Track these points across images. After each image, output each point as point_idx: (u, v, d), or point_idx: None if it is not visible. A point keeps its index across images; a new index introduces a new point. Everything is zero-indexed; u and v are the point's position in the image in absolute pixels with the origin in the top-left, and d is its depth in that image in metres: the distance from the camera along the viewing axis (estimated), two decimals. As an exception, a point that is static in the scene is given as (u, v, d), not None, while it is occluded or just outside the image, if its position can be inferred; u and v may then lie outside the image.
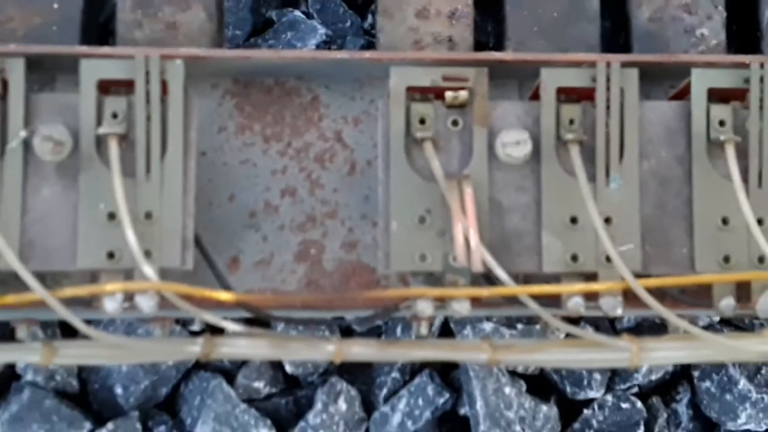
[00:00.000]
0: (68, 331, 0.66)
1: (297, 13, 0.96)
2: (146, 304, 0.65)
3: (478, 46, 0.79)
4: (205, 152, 0.74)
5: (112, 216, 0.66)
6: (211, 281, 0.69)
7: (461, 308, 0.67)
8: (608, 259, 0.67)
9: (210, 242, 0.71)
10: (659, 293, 0.67)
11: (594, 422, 0.88)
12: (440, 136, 0.69)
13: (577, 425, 0.88)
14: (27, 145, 0.66)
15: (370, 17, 0.97)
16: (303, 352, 0.70)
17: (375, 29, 0.80)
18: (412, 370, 0.88)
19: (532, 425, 0.85)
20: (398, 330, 0.87)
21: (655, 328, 0.87)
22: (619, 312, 0.67)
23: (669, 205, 0.70)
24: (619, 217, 0.68)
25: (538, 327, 0.86)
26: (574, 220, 0.68)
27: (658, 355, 0.68)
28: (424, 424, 0.86)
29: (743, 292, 0.69)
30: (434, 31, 0.79)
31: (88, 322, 0.65)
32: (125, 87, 0.67)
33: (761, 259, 0.68)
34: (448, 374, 0.89)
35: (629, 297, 0.68)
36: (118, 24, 0.77)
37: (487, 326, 0.86)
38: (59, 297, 0.64)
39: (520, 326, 0.87)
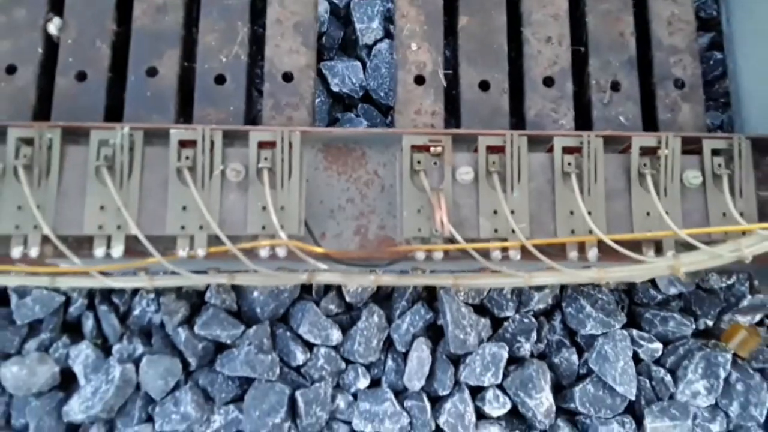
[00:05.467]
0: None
1: (352, 114, 1.11)
2: (281, 252, 0.81)
3: (447, 126, 0.95)
4: (308, 179, 0.87)
5: (264, 208, 0.81)
6: (311, 243, 0.83)
7: (438, 256, 0.82)
8: (513, 231, 0.82)
9: (311, 224, 0.84)
10: (539, 249, 0.81)
11: (509, 329, 0.99)
12: (428, 169, 0.83)
13: (500, 331, 1.00)
14: (223, 173, 0.81)
15: (390, 117, 1.12)
16: (358, 280, 0.84)
17: (393, 120, 0.95)
18: (413, 301, 1.01)
19: (476, 328, 0.98)
20: (405, 278, 1.00)
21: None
22: (518, 258, 0.81)
23: (544, 204, 0.83)
24: (518, 210, 0.82)
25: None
26: (495, 212, 0.82)
27: (538, 280, 0.81)
28: (419, 329, 0.99)
29: (581, 248, 0.83)
30: (424, 121, 0.94)
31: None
32: (271, 145, 0.83)
33: (590, 231, 0.81)
34: (432, 303, 1.01)
35: (524, 252, 0.82)
36: (263, 117, 0.93)
37: (453, 277, 1.00)
38: (239, 248, 0.80)
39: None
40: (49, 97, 0.94)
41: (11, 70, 0.94)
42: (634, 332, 1.00)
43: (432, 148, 0.84)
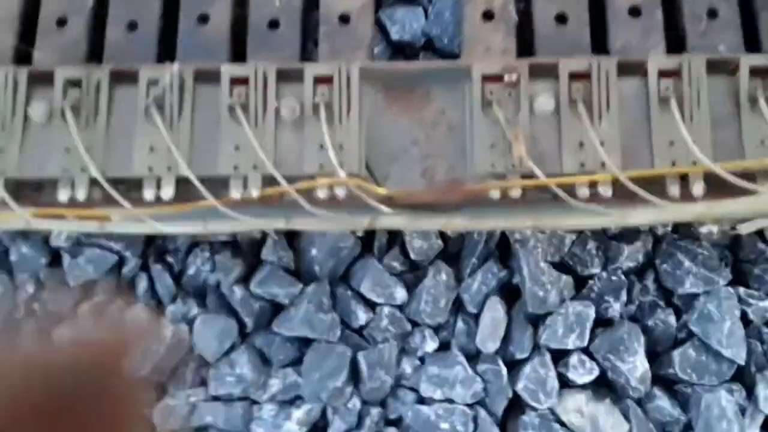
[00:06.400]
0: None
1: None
2: (340, 193, 0.74)
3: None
4: (369, 122, 0.79)
5: (322, 146, 0.75)
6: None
7: (516, 193, 0.73)
8: (603, 164, 0.72)
9: (373, 168, 0.78)
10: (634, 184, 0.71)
11: (595, 288, 0.89)
12: (501, 100, 0.76)
13: (584, 290, 0.89)
14: (277, 111, 0.76)
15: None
16: (426, 223, 0.76)
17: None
18: (484, 258, 0.91)
19: (556, 286, 0.88)
20: (476, 233, 0.92)
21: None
22: (609, 194, 0.72)
23: (638, 134, 0.73)
24: (608, 142, 0.73)
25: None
26: (581, 144, 0.73)
27: (633, 218, 0.71)
28: (491, 288, 0.90)
29: (684, 183, 0.73)
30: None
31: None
32: (327, 81, 0.77)
33: (694, 163, 0.71)
34: (505, 261, 0.92)
35: (615, 189, 0.73)
36: (319, 56, 0.86)
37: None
38: (295, 188, 0.74)
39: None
40: (100, 49, 0.90)
41: (62, 22, 0.91)
42: (741, 290, 0.87)
43: (506, 77, 0.75)
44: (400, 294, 0.90)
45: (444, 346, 0.91)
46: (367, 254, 0.93)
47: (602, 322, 0.88)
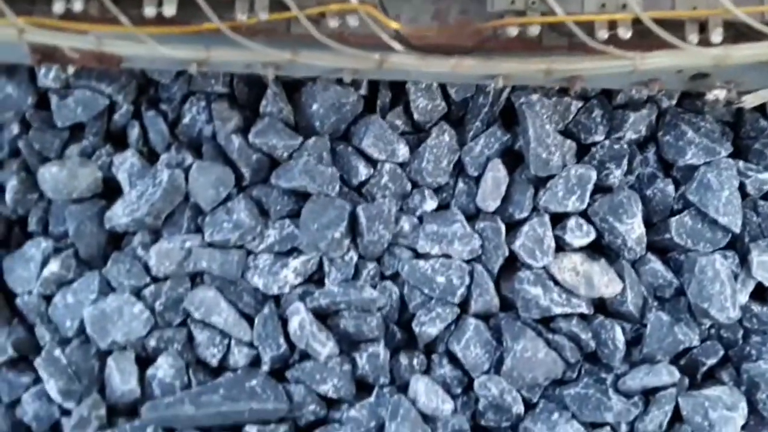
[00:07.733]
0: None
1: None
2: (352, 21, 0.71)
3: None
4: None
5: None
6: (386, 22, 0.73)
7: (534, 31, 0.71)
8: (624, 6, 0.70)
9: (386, 4, 0.75)
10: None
11: (597, 155, 0.88)
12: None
13: (586, 157, 0.89)
14: (288, -69, 0.72)
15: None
16: (436, 65, 0.73)
17: None
18: (488, 123, 0.90)
19: (560, 149, 0.87)
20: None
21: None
22: (629, 35, 0.70)
23: (661, -23, 0.72)
24: (630, -17, 0.71)
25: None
26: (603, -16, 0.71)
27: (652, 60, 0.69)
28: (493, 152, 0.89)
29: (702, 30, 0.71)
30: None
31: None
32: None
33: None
34: (509, 127, 0.91)
35: (634, 33, 0.70)
36: None
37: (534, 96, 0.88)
38: (306, 14, 0.70)
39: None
40: None
41: None
42: (741, 163, 0.87)
43: None
44: (402, 151, 0.88)
45: (443, 208, 0.90)
46: (370, 113, 0.90)
47: (602, 189, 0.88)
